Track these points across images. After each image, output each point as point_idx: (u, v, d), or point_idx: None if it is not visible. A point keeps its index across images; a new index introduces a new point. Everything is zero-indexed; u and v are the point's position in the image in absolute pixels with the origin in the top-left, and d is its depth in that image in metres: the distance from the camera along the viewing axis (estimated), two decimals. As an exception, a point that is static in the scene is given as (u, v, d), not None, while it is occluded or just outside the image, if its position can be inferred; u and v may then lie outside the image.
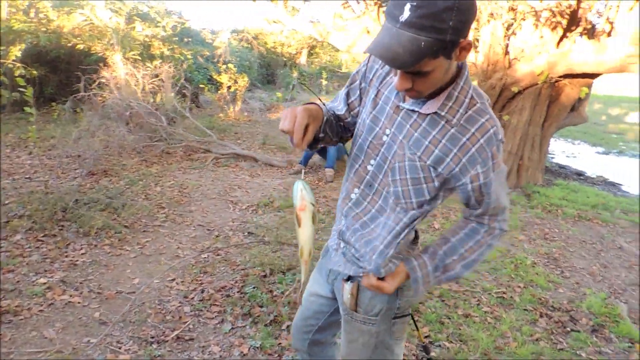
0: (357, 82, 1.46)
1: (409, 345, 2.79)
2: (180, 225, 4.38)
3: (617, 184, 8.43)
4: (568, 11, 6.10)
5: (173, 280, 3.38)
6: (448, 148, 1.24)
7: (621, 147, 12.23)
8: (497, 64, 6.66)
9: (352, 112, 1.51)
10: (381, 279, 1.42)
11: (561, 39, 6.48)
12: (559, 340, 3.09)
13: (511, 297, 3.58)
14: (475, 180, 1.26)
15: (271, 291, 3.27)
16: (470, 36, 6.52)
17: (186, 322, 2.90)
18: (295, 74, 18.50)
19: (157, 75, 7.87)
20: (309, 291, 1.71)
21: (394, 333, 1.53)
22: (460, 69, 1.24)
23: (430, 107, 1.24)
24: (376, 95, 1.37)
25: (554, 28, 6.41)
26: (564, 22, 6.27)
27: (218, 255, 3.83)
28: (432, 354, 2.73)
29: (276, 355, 2.66)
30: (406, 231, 1.39)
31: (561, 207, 6.02)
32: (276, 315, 2.98)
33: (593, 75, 6.58)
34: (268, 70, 19.65)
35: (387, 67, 1.38)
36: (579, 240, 5.02)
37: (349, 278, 1.50)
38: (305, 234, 1.35)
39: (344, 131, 1.56)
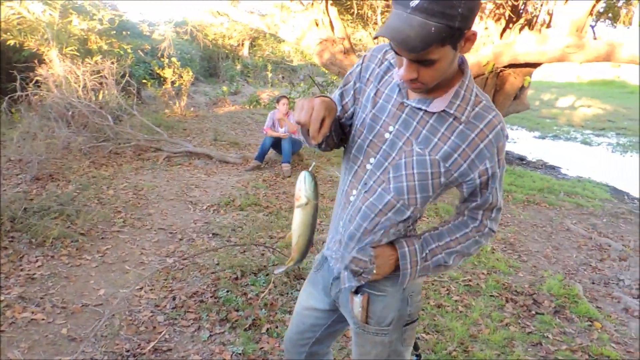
0: (351, 82, 1.44)
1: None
2: (141, 230, 4.21)
3: (556, 167, 8.91)
4: (510, 3, 6.32)
5: (141, 288, 3.24)
6: (456, 144, 1.25)
7: (556, 131, 12.92)
8: (445, 55, 6.82)
9: (346, 114, 1.48)
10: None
11: (504, 30, 6.73)
12: (527, 323, 3.23)
13: (477, 284, 3.70)
14: (484, 175, 1.27)
15: (245, 294, 3.21)
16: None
17: (161, 332, 2.80)
18: (238, 67, 18.20)
19: (98, 72, 7.49)
20: (303, 305, 1.67)
21: (405, 340, 1.52)
22: (462, 67, 1.25)
23: (437, 105, 1.24)
24: (375, 94, 1.36)
25: (498, 20, 6.64)
26: (507, 14, 6.50)
27: (185, 259, 3.72)
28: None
29: None
30: (397, 231, 1.39)
31: (511, 192, 6.29)
32: (254, 319, 2.93)
33: (535, 65, 6.89)
34: (210, 63, 19.22)
35: (384, 66, 1.36)
36: (530, 224, 5.26)
37: (357, 290, 1.46)
38: (295, 222, 1.38)
39: (342, 132, 1.53)
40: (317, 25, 7.54)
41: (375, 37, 1.10)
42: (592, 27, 7.44)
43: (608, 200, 6.53)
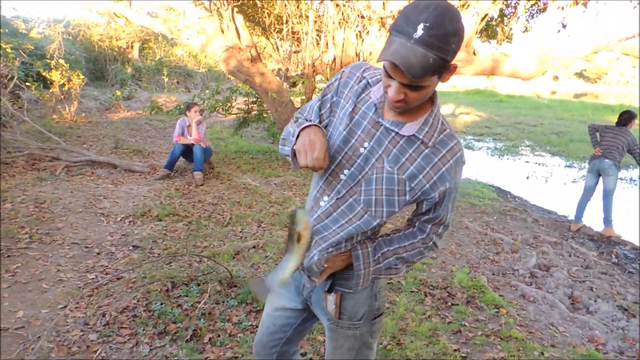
0: (329, 95, 1.54)
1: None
2: (52, 245, 3.93)
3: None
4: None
5: (65, 307, 3.05)
6: (422, 166, 1.39)
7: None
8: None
9: (321, 124, 1.59)
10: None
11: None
12: (445, 314, 3.54)
13: (398, 281, 3.97)
14: (442, 194, 1.43)
15: (180, 305, 3.15)
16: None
17: (96, 350, 2.67)
18: (129, 70, 17.32)
19: (-21, 74, 6.79)
20: (274, 307, 1.74)
21: (374, 332, 1.67)
22: (433, 98, 1.42)
23: (409, 129, 1.38)
24: (353, 110, 1.46)
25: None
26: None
27: (107, 274, 3.55)
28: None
29: (207, 369, 2.61)
30: (359, 238, 1.52)
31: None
32: (194, 330, 2.90)
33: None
34: (96, 65, 18.05)
35: (362, 84, 1.48)
36: (434, 223, 5.71)
37: (330, 289, 1.58)
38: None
39: None
40: (222, 32, 7.50)
41: (380, 61, 1.22)
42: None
43: (495, 199, 7.27)
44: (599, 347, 3.35)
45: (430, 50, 1.15)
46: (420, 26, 1.15)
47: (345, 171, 1.45)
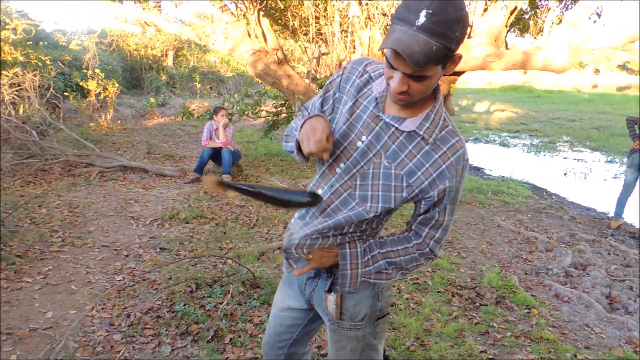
0: (331, 92, 1.51)
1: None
2: (82, 248, 4.04)
3: (480, 168, 9.47)
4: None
5: (92, 308, 3.12)
6: (421, 162, 1.34)
7: (476, 135, 13.72)
8: (377, 64, 7.10)
9: None
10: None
11: (430, 41, 7.10)
12: (473, 315, 3.45)
13: (424, 281, 3.89)
14: (441, 193, 1.36)
15: (203, 306, 3.18)
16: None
17: (120, 350, 2.72)
18: (164, 78, 17.74)
19: (18, 85, 7.06)
20: (280, 307, 1.72)
21: (378, 334, 1.62)
22: (436, 92, 1.37)
23: (409, 125, 1.34)
24: (354, 104, 1.43)
25: (424, 31, 6.99)
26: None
27: (134, 275, 3.61)
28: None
29: (227, 369, 2.62)
30: (350, 231, 1.46)
31: (444, 193, 6.63)
32: (216, 330, 2.92)
33: (459, 73, 7.32)
34: (132, 74, 18.56)
35: (364, 78, 1.45)
36: (465, 223, 5.59)
37: (330, 289, 1.54)
38: None
39: None
40: (249, 36, 7.57)
41: (381, 49, 1.18)
42: (505, 37, 8.04)
43: (530, 197, 7.06)
44: (637, 349, 3.18)
45: (433, 38, 1.12)
46: (423, 13, 1.11)
47: (342, 164, 1.42)
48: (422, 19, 1.11)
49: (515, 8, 6.46)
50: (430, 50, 1.12)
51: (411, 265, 1.48)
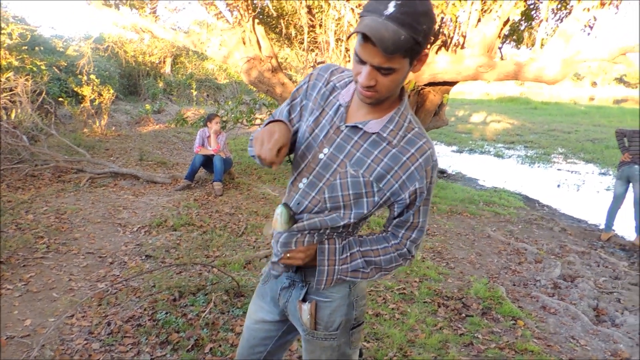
0: (298, 99, 1.50)
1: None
2: (67, 255, 4.00)
3: (474, 178, 9.47)
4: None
5: (72, 316, 3.08)
6: (389, 166, 1.34)
7: (471, 145, 13.74)
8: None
9: (292, 129, 1.55)
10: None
11: (423, 51, 7.11)
12: (458, 326, 3.42)
13: (411, 292, 3.87)
14: (413, 195, 1.37)
15: (185, 314, 3.15)
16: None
17: (98, 359, 2.68)
18: (161, 84, 17.75)
19: (10, 90, 7.05)
20: (253, 319, 1.69)
21: (352, 343, 1.59)
22: (401, 95, 1.37)
23: (373, 126, 1.34)
24: (320, 114, 1.43)
25: (417, 41, 7.00)
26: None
27: (118, 283, 3.58)
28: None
29: (205, 380, 2.58)
30: (327, 232, 1.44)
31: (435, 204, 6.62)
32: (197, 339, 2.88)
33: (452, 83, 7.35)
34: (129, 80, 18.58)
35: (330, 86, 1.44)
36: (455, 233, 5.57)
37: (305, 298, 1.52)
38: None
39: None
40: (244, 43, 7.59)
41: (350, 35, 1.19)
42: (500, 48, 8.07)
43: (522, 208, 7.05)
44: (622, 363, 3.16)
45: (401, 27, 1.13)
46: (392, 3, 1.14)
47: (304, 180, 1.42)
48: (391, 8, 1.13)
49: (508, 19, 6.49)
50: (399, 39, 1.13)
51: (390, 266, 1.48)
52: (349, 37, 1.21)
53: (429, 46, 6.98)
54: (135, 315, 3.11)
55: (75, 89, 10.11)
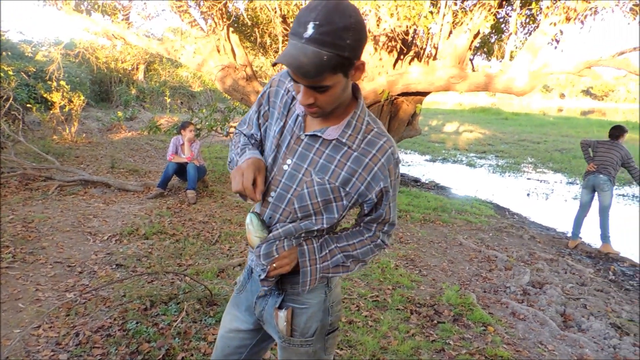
0: (263, 105, 1.52)
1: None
2: (34, 265, 3.90)
3: (446, 187, 9.61)
4: (401, 37, 6.81)
5: (39, 327, 3.00)
6: (353, 169, 1.36)
7: (444, 154, 13.95)
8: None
9: (261, 134, 1.56)
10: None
11: (396, 61, 7.24)
12: (430, 332, 3.46)
13: (384, 299, 3.89)
14: (379, 194, 1.40)
15: (156, 324, 3.10)
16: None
17: (65, 371, 2.62)
18: (133, 91, 17.53)
19: (-24, 95, 6.88)
20: (227, 328, 1.67)
21: (328, 349, 1.60)
22: (357, 98, 1.38)
23: (331, 133, 1.35)
24: (283, 125, 1.44)
25: (390, 51, 7.12)
26: (399, 46, 7.01)
27: (87, 292, 3.51)
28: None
29: (176, 390, 2.54)
30: (302, 236, 1.45)
31: (409, 212, 6.69)
32: (168, 349, 2.84)
33: (425, 93, 7.47)
34: (101, 87, 18.31)
35: (290, 95, 1.45)
36: (428, 241, 5.64)
37: (281, 305, 1.52)
38: None
39: None
40: (218, 51, 7.57)
41: (274, 64, 1.20)
42: (471, 60, 8.26)
43: (492, 216, 7.18)
44: (588, 367, 3.24)
45: (322, 48, 1.13)
46: (310, 25, 1.13)
47: (272, 193, 1.43)
48: (309, 30, 1.13)
49: (479, 32, 6.64)
50: (321, 60, 1.13)
51: (368, 258, 1.53)
52: (274, 65, 1.21)
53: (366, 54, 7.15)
54: (104, 326, 3.05)
55: (45, 95, 9.89)
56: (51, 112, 9.99)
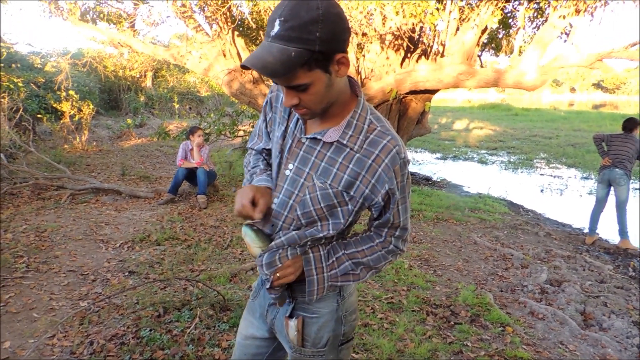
0: (267, 112, 1.49)
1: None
2: (48, 274, 3.91)
3: (458, 185, 9.52)
4: (407, 35, 6.76)
5: (53, 336, 3.00)
6: (356, 172, 1.29)
7: (455, 152, 13.84)
8: (352, 83, 7.14)
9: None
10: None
11: (404, 60, 7.18)
12: (447, 334, 3.40)
13: (399, 300, 3.84)
14: (385, 197, 1.33)
15: (170, 331, 3.08)
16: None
17: (80, 381, 2.60)
18: (142, 98, 17.63)
19: (-13, 107, 6.93)
20: (243, 335, 1.64)
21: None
22: (357, 97, 1.32)
23: (332, 135, 1.29)
24: (285, 129, 1.40)
25: (397, 50, 7.08)
26: (405, 44, 6.95)
27: (100, 300, 3.50)
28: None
29: (191, 398, 2.52)
30: (308, 243, 1.40)
31: (421, 211, 6.63)
32: (182, 356, 2.82)
33: (433, 91, 7.40)
34: (110, 95, 18.42)
35: None
36: (441, 240, 5.57)
37: (291, 314, 1.47)
38: None
39: None
40: (224, 56, 7.57)
41: (242, 67, 1.15)
42: (479, 56, 8.18)
43: (507, 214, 7.09)
44: (611, 366, 3.16)
45: (289, 44, 1.09)
46: (277, 22, 1.10)
47: (275, 200, 1.39)
48: (276, 27, 1.10)
49: (486, 27, 6.57)
50: (289, 57, 1.09)
51: (380, 264, 1.44)
52: (242, 68, 1.16)
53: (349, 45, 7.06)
54: (118, 334, 3.04)
55: (54, 105, 9.97)
56: (61, 121, 10.06)
